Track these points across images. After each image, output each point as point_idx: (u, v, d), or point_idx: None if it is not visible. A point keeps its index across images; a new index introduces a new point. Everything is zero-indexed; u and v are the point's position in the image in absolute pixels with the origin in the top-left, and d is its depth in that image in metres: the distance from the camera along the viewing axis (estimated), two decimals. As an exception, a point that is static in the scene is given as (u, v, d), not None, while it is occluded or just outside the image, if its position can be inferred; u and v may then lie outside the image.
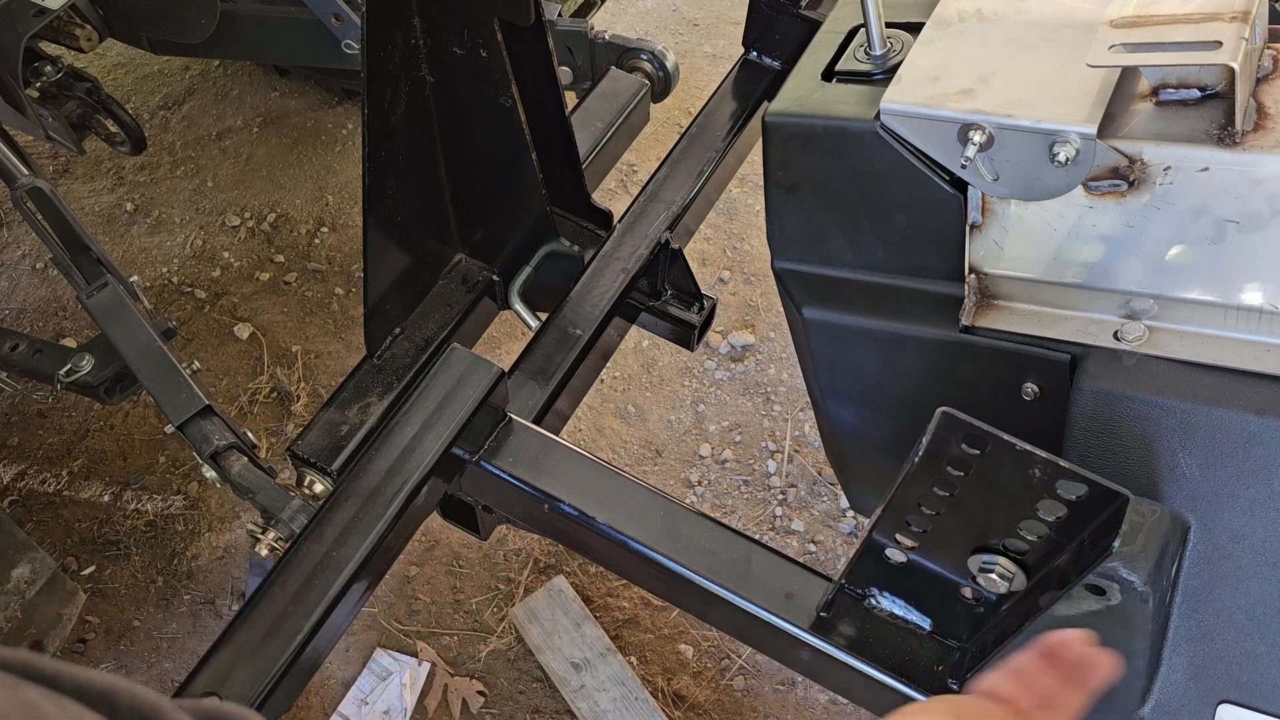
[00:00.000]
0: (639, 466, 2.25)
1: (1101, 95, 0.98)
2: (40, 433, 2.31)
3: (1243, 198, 0.95)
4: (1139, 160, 0.96)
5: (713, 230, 2.61)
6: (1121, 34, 0.96)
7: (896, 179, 1.10)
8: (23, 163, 1.55)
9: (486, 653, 2.02)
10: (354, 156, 2.76)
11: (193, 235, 2.65)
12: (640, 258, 1.49)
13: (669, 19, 3.15)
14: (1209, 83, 0.96)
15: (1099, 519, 0.86)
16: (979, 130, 1.00)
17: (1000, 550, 0.94)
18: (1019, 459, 0.85)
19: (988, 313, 1.12)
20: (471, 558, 2.14)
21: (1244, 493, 0.98)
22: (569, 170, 1.50)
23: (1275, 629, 1.00)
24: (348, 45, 1.89)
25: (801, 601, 1.06)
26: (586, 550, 1.23)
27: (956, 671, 1.01)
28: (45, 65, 1.96)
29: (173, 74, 2.99)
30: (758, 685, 1.98)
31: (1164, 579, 0.97)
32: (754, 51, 1.71)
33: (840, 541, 2.14)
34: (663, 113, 2.75)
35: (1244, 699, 1.03)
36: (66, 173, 2.80)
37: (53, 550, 2.11)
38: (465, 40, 1.30)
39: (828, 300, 1.21)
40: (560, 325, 1.42)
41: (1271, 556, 0.98)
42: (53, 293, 2.56)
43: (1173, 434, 0.99)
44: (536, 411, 1.34)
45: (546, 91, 1.42)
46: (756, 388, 2.37)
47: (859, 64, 1.16)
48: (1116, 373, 1.03)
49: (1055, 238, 1.05)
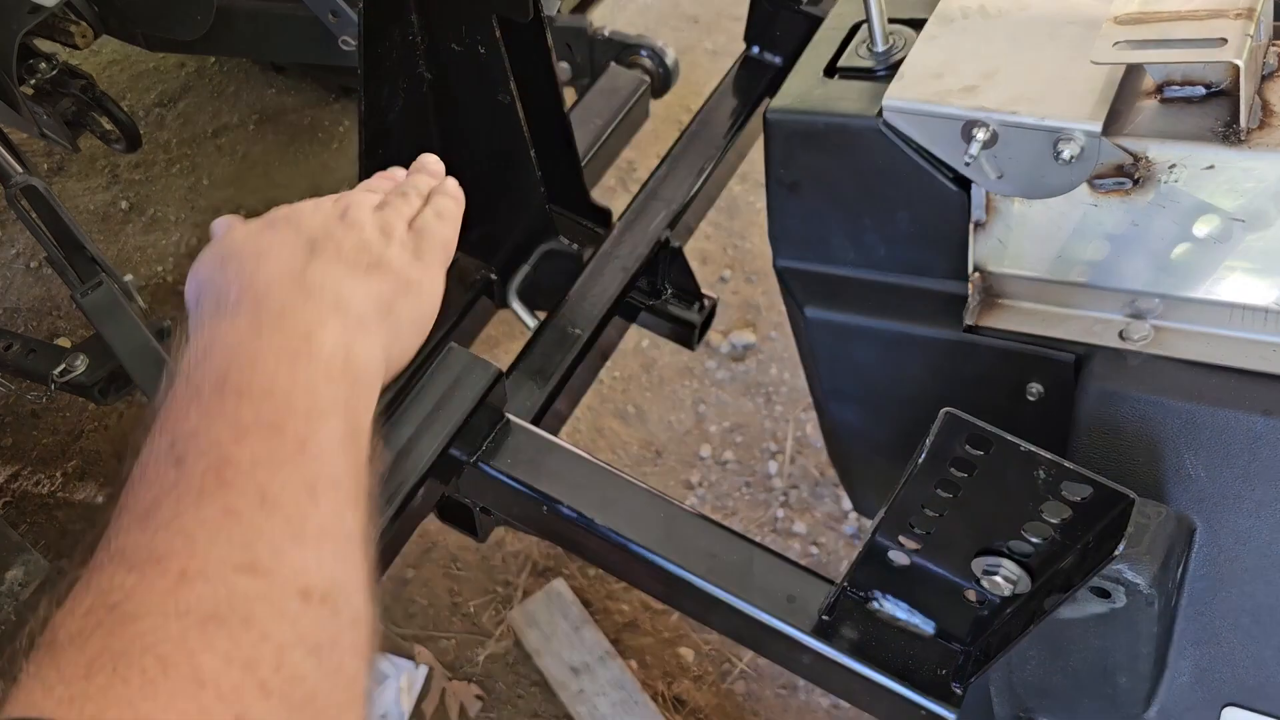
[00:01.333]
0: (639, 467, 2.24)
1: (1106, 92, 0.97)
2: (34, 433, 2.30)
3: (1248, 195, 0.94)
4: (1144, 158, 0.96)
5: (713, 228, 2.60)
6: (1126, 31, 0.95)
7: (899, 176, 1.09)
8: (17, 160, 1.54)
9: (485, 656, 2.01)
10: (350, 154, 2.74)
11: (188, 234, 2.64)
12: (640, 256, 1.48)
13: (669, 14, 3.14)
14: (1214, 80, 0.95)
15: (1104, 521, 0.85)
16: (982, 127, 0.99)
17: (1004, 552, 0.94)
18: (1023, 460, 0.84)
19: (991, 312, 1.11)
20: (469, 560, 2.13)
21: (1250, 494, 0.97)
22: (568, 168, 1.49)
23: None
24: (344, 42, 1.87)
25: (803, 604, 1.05)
26: (586, 553, 1.22)
27: (960, 675, 1.00)
28: (40, 62, 1.95)
29: (168, 71, 2.98)
30: (759, 689, 1.97)
31: (1169, 581, 0.96)
32: (755, 48, 1.71)
33: (842, 544, 2.13)
34: (663, 109, 2.73)
35: (1250, 702, 1.03)
36: (61, 170, 2.79)
37: (47, 552, 2.09)
38: (463, 36, 1.29)
39: (830, 299, 1.21)
40: (559, 325, 1.41)
41: (1278, 558, 0.97)
42: (47, 292, 2.54)
43: (1178, 435, 0.98)
44: (535, 412, 1.33)
45: (545, 88, 1.41)
46: (758, 388, 2.36)
47: (861, 60, 1.15)
48: (1122, 373, 1.02)
49: (1059, 236, 1.04)
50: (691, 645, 2.02)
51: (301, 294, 0.70)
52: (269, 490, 0.55)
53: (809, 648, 1.03)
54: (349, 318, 0.72)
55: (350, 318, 0.72)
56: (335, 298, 0.72)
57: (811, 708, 1.95)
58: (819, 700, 1.95)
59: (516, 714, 1.95)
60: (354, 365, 0.69)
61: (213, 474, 0.55)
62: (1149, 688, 1.04)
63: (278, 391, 0.61)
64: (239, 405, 0.59)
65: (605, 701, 1.92)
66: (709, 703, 1.96)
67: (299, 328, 0.67)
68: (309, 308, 0.69)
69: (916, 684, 0.99)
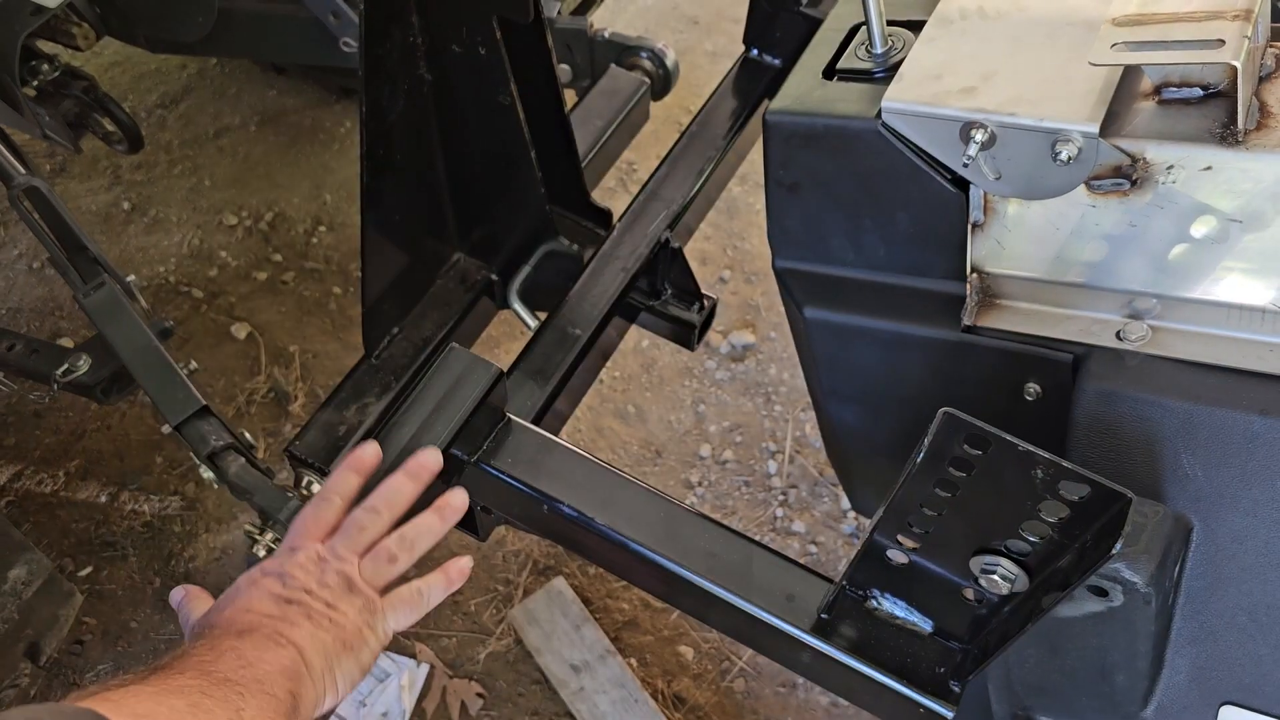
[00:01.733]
0: (639, 467, 2.25)
1: (1104, 94, 0.98)
2: (37, 433, 2.31)
3: (1246, 196, 0.94)
4: (1141, 159, 0.96)
5: (713, 229, 2.61)
6: (1124, 32, 0.95)
7: (898, 178, 1.09)
8: (19, 161, 1.55)
9: (485, 654, 2.01)
10: (351, 155, 2.75)
11: (190, 234, 2.65)
12: (640, 257, 1.48)
13: (669, 16, 3.15)
14: (1211, 81, 0.95)
15: (1101, 520, 0.85)
16: (981, 129, 1.00)
17: (1002, 551, 0.94)
18: (1021, 459, 0.84)
19: (990, 312, 1.12)
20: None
21: (1247, 493, 0.97)
22: (568, 169, 1.50)
23: (1278, 630, 1.00)
24: (346, 43, 1.88)
25: (802, 603, 1.05)
26: (586, 551, 1.22)
27: (958, 673, 1.00)
28: (42, 64, 1.96)
29: (170, 72, 2.99)
30: (758, 687, 1.98)
31: (1166, 580, 0.97)
32: (754, 49, 1.71)
33: (841, 543, 2.14)
34: (662, 111, 2.73)
35: (1247, 701, 1.03)
36: (63, 171, 2.80)
37: (49, 551, 2.10)
38: (464, 38, 1.30)
39: (829, 300, 1.21)
40: (559, 325, 1.42)
41: (1275, 558, 0.98)
42: (49, 292, 2.55)
43: (1176, 434, 0.99)
44: (535, 412, 1.33)
45: (546, 89, 1.41)
46: (757, 388, 2.36)
47: (860, 62, 1.15)
48: (1119, 373, 1.02)
49: (1058, 237, 1.05)
50: (691, 643, 2.03)
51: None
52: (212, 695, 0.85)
53: (808, 646, 1.04)
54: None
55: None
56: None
57: (810, 705, 1.95)
58: (818, 698, 1.95)
59: (517, 712, 1.95)
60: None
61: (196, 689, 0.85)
62: (1146, 686, 1.04)
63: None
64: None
65: (605, 699, 1.92)
66: (708, 700, 1.96)
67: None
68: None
69: (915, 682, 1.00)
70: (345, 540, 1.06)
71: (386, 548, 1.07)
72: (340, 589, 1.02)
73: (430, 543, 1.11)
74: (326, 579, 1.02)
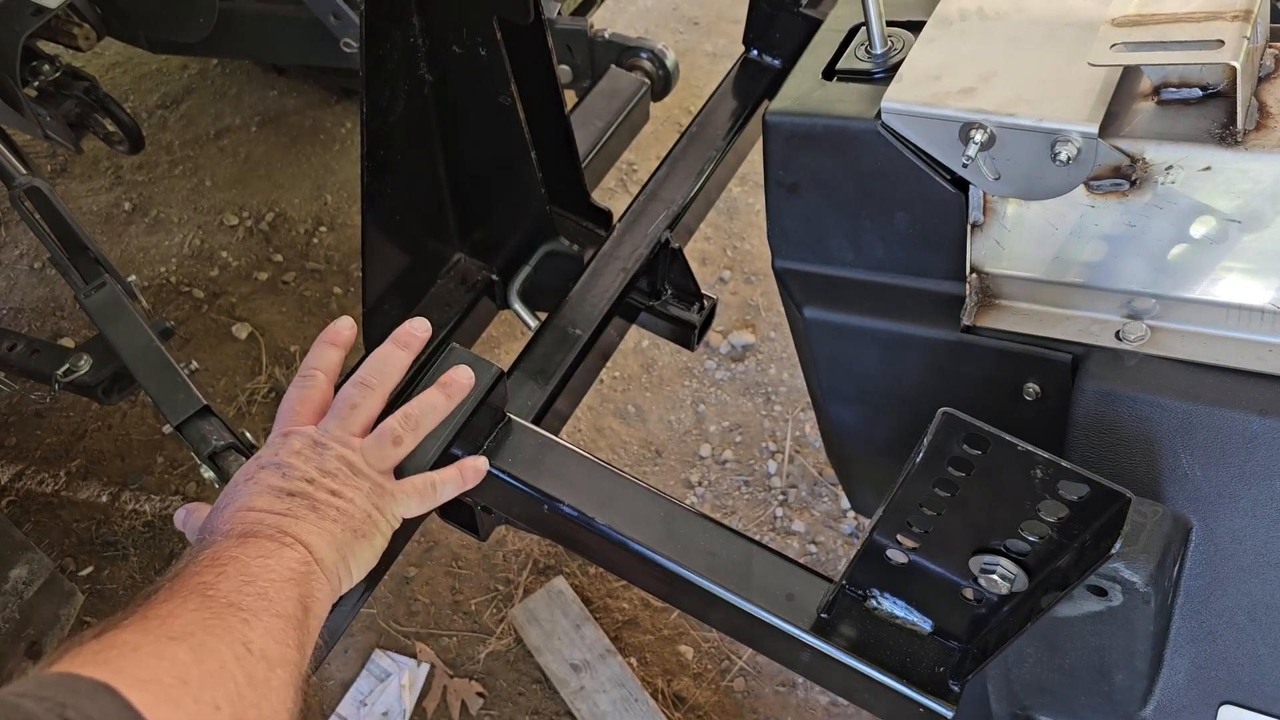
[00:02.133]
0: (639, 467, 2.25)
1: (1103, 94, 0.98)
2: (38, 433, 2.31)
3: (1245, 196, 0.95)
4: (1141, 159, 0.96)
5: (713, 229, 2.61)
6: (1123, 33, 0.96)
7: (897, 178, 1.10)
8: (20, 162, 1.55)
9: (486, 654, 2.02)
10: (352, 155, 2.75)
11: (191, 235, 2.65)
12: (640, 257, 1.48)
13: (669, 17, 3.15)
14: (1211, 82, 0.96)
15: (1101, 520, 0.85)
16: (980, 129, 1.00)
17: (1001, 551, 0.94)
18: (1021, 459, 0.85)
19: (989, 312, 1.12)
20: (470, 558, 2.14)
21: (1246, 493, 0.97)
22: (569, 169, 1.50)
23: (1277, 630, 1.00)
24: (346, 44, 1.88)
25: (802, 602, 1.05)
26: (586, 551, 1.22)
27: (958, 672, 1.00)
28: (43, 64, 1.96)
29: (171, 73, 2.99)
30: (758, 687, 1.98)
31: (1166, 580, 0.97)
32: (754, 50, 1.71)
33: (841, 542, 2.14)
34: (662, 111, 2.74)
35: (1246, 700, 1.03)
36: (64, 172, 2.80)
37: (51, 551, 2.11)
38: (464, 38, 1.30)
39: (828, 300, 1.21)
40: (560, 325, 1.42)
41: (1274, 557, 0.98)
42: (50, 292, 2.55)
43: (1175, 434, 0.99)
44: (536, 412, 1.33)
45: (546, 90, 1.41)
46: (757, 388, 2.36)
47: (860, 63, 1.16)
48: (1118, 373, 1.02)
49: (1057, 237, 1.05)
50: (691, 643, 2.03)
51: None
52: (230, 600, 0.82)
53: (808, 645, 1.04)
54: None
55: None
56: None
57: (810, 705, 1.95)
58: (817, 697, 1.96)
59: (517, 711, 1.96)
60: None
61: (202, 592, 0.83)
62: (1146, 685, 1.04)
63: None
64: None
65: (605, 699, 1.93)
66: (708, 700, 1.96)
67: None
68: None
69: (914, 681, 1.00)
70: (339, 420, 1.00)
71: (391, 428, 1.01)
72: (344, 474, 0.97)
73: (435, 421, 1.05)
74: (327, 465, 0.96)
